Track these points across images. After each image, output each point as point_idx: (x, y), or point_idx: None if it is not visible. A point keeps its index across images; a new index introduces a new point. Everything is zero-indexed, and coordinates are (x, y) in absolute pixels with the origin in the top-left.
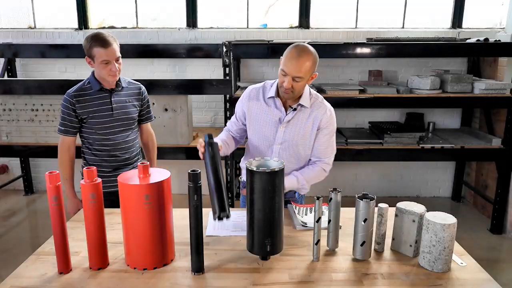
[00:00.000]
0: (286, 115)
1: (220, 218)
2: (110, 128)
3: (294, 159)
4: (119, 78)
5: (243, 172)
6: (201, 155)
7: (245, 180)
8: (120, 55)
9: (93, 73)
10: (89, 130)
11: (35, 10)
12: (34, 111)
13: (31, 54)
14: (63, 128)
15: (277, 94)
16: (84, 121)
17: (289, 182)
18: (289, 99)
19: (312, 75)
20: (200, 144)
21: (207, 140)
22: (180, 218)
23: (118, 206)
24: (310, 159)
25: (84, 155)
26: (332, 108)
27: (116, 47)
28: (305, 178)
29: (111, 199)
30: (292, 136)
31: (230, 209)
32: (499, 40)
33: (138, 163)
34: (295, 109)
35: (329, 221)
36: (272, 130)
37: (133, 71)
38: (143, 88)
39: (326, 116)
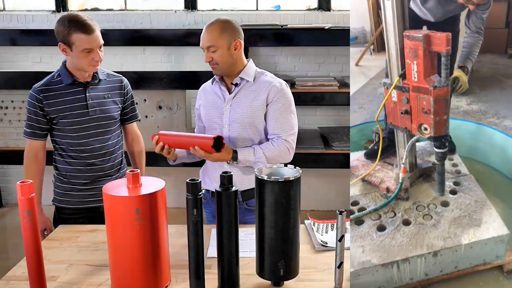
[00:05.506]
0: (230, 94)
1: None
2: (86, 129)
3: (246, 141)
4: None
5: (204, 182)
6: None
7: (205, 192)
8: (103, 42)
9: (64, 63)
10: (60, 133)
11: None
12: (3, 109)
13: None
14: (29, 131)
15: (221, 77)
16: (54, 121)
17: (244, 154)
18: (224, 75)
19: (231, 42)
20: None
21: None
22: (176, 236)
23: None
24: (267, 138)
25: (56, 163)
26: (283, 82)
27: (98, 32)
28: (263, 150)
29: (89, 216)
30: (239, 115)
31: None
32: None
33: (126, 172)
34: (237, 85)
35: None
36: (218, 112)
37: (121, 62)
38: (126, 81)
39: (274, 89)
